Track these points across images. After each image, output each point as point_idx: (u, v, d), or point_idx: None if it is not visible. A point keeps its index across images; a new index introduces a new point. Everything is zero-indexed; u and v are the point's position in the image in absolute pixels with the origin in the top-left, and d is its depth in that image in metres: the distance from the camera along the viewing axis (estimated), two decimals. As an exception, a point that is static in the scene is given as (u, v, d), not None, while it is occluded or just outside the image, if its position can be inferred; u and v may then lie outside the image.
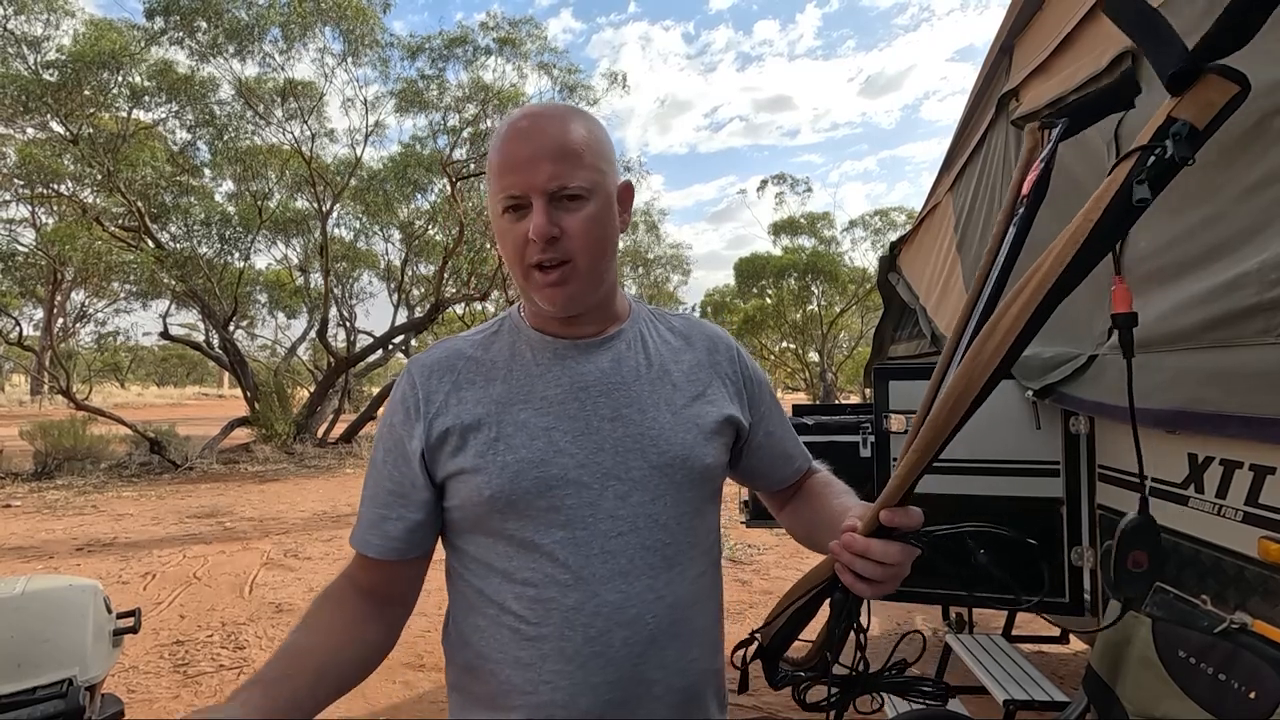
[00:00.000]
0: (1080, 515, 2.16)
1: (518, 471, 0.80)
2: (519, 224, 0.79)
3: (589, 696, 0.78)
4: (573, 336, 0.88)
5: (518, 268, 0.82)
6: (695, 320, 1.00)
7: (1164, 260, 1.63)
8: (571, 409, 0.84)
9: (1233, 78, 0.65)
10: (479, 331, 0.93)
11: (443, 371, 0.86)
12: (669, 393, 0.88)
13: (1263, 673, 0.99)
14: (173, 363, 43.00)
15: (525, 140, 0.79)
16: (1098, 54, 2.01)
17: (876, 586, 0.73)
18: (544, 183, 0.78)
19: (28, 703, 1.59)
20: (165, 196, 12.79)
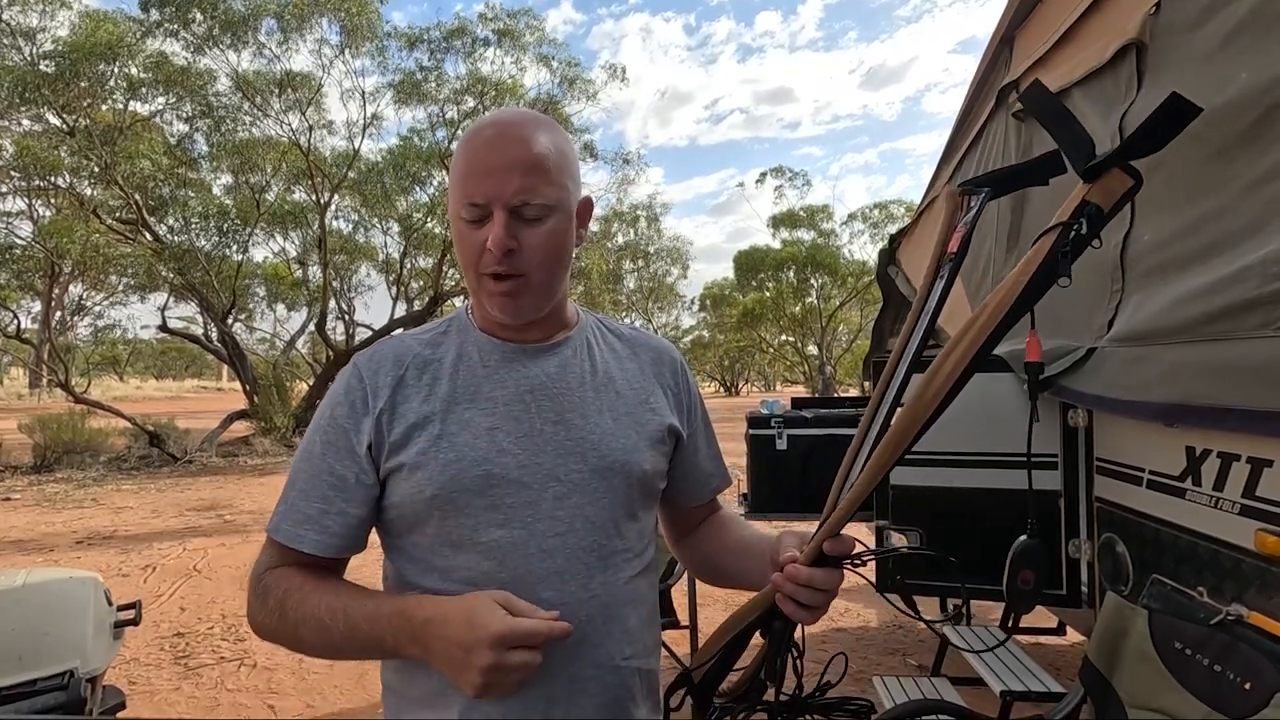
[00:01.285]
0: (1078, 508, 2.16)
1: (460, 469, 0.81)
2: (477, 231, 0.80)
3: (520, 694, 0.78)
4: (520, 340, 0.89)
5: (471, 272, 0.83)
6: (642, 332, 1.03)
7: (1166, 254, 1.63)
8: (516, 410, 0.85)
9: (1131, 174, 0.80)
10: (427, 330, 0.93)
11: (389, 367, 0.86)
12: (612, 399, 0.90)
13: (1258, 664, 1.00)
14: (171, 356, 43.01)
15: (493, 150, 0.79)
16: (1100, 47, 2.01)
17: (814, 613, 0.77)
18: (508, 196, 0.78)
19: (29, 694, 1.60)
20: (163, 189, 12.75)
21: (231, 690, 3.32)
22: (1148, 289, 1.69)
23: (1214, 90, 1.48)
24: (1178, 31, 1.66)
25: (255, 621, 0.83)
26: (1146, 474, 1.69)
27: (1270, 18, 1.36)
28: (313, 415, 0.90)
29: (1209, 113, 1.51)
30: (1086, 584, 2.14)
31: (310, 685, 3.37)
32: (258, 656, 3.68)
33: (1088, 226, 0.76)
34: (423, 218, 15.26)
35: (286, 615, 0.79)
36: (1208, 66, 1.53)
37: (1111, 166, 0.78)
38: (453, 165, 0.84)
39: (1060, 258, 0.76)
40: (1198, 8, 1.58)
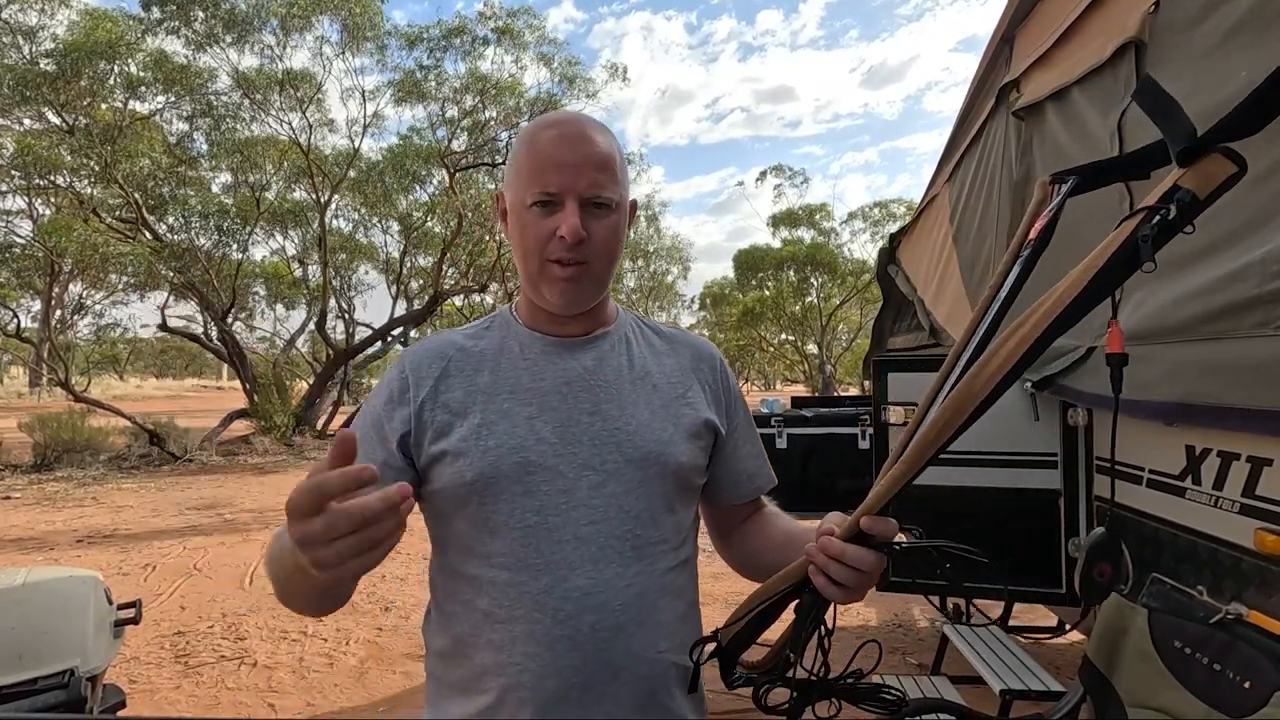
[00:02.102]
0: (1078, 507, 2.16)
1: (498, 456, 0.84)
2: (546, 220, 0.84)
3: (555, 679, 0.81)
4: (560, 334, 0.93)
5: (534, 259, 0.86)
6: (681, 330, 1.06)
7: (1167, 253, 1.62)
8: (553, 401, 0.88)
9: (1234, 159, 0.73)
10: (471, 326, 0.98)
11: (432, 360, 0.91)
12: (648, 393, 0.93)
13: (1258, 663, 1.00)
14: (171, 355, 42.99)
15: (567, 145, 0.85)
16: (1100, 45, 2.01)
17: (846, 592, 0.75)
18: (583, 188, 0.84)
19: (30, 693, 1.60)
20: (163, 188, 12.75)
21: (232, 689, 3.32)
22: (1147, 288, 1.69)
23: (1213, 88, 1.48)
24: (1177, 30, 1.66)
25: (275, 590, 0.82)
26: (1146, 473, 1.69)
27: (1269, 15, 1.36)
28: (312, 414, 0.90)
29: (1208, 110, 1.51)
30: (1086, 583, 2.13)
31: (310, 684, 3.37)
32: (258, 655, 3.68)
33: (1178, 212, 0.70)
34: (423, 217, 15.25)
35: (269, 562, 0.79)
36: (1207, 64, 1.53)
37: (1207, 148, 0.72)
38: (516, 159, 0.88)
39: (1142, 242, 0.70)
40: (1197, 6, 1.58)
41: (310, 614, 0.87)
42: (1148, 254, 0.70)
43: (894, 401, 2.45)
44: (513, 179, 0.88)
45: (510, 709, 0.81)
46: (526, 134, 0.89)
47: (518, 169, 0.87)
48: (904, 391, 2.46)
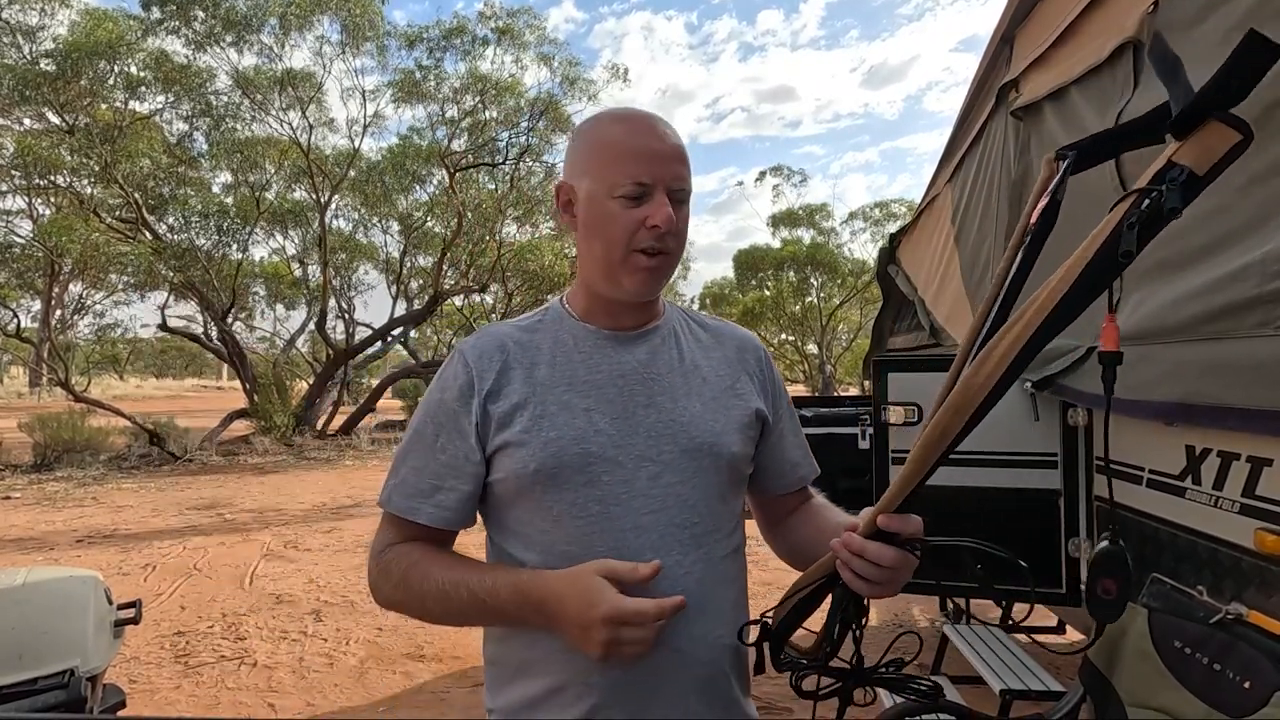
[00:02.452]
0: (1078, 507, 2.16)
1: (560, 447, 0.86)
2: (634, 210, 0.86)
3: (622, 667, 0.83)
4: (613, 328, 0.95)
5: (620, 248, 0.87)
6: (725, 322, 1.08)
7: (1165, 253, 1.63)
8: (610, 393, 0.91)
9: (1236, 125, 0.63)
10: (524, 320, 0.99)
11: (492, 353, 0.92)
12: (699, 385, 0.95)
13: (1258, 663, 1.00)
14: (171, 355, 42.96)
15: (655, 137, 0.87)
16: (1099, 45, 2.01)
17: (873, 586, 0.77)
18: (670, 179, 0.86)
19: (30, 693, 1.60)
20: (163, 188, 12.75)
21: (232, 689, 3.32)
22: (1147, 288, 1.68)
23: (1214, 89, 1.48)
24: (1176, 30, 1.66)
25: (380, 594, 0.90)
26: (1146, 473, 1.69)
27: (1267, 16, 1.36)
28: (312, 414, 0.93)
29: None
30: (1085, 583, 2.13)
31: (310, 684, 3.37)
32: (258, 655, 3.68)
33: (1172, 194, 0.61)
34: (423, 217, 15.24)
35: (411, 589, 0.86)
36: (1206, 65, 1.52)
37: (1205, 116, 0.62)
38: (595, 150, 0.89)
39: (1126, 229, 0.62)
40: (1195, 6, 1.57)
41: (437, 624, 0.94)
42: (1130, 241, 0.63)
43: (894, 401, 2.45)
44: (591, 169, 0.88)
45: (575, 691, 0.85)
46: (603, 127, 0.90)
47: (599, 159, 0.88)
48: (904, 391, 2.46)
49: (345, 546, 5.91)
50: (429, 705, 3.17)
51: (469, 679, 3.44)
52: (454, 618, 0.86)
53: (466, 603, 0.83)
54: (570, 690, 0.85)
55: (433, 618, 0.88)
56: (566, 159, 0.95)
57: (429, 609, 0.86)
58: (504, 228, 14.72)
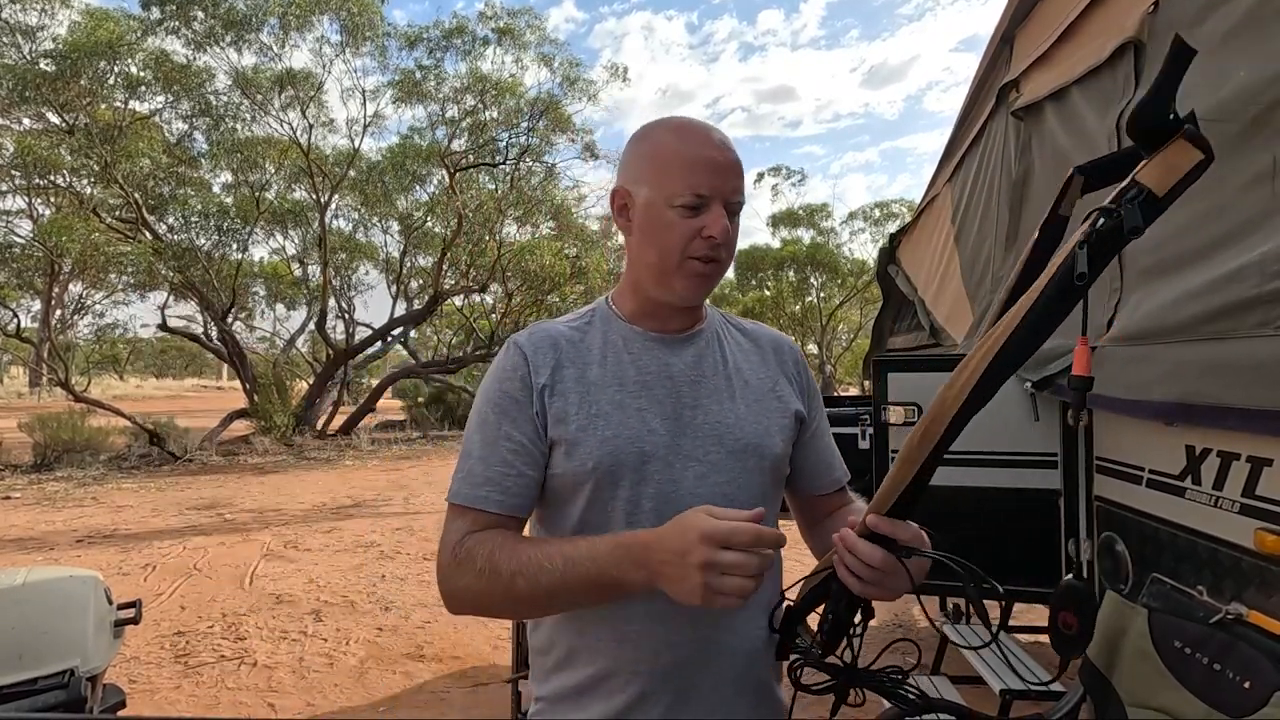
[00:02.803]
0: (1078, 507, 2.16)
1: (617, 446, 0.89)
2: (691, 220, 0.88)
3: (670, 652, 0.88)
4: (661, 331, 0.98)
5: (675, 255, 0.90)
6: (762, 326, 1.11)
7: (1165, 253, 1.63)
8: (659, 394, 0.93)
9: (1199, 144, 0.62)
10: (572, 319, 1.01)
11: (546, 349, 0.94)
12: (742, 388, 0.98)
13: (1258, 663, 1.00)
14: (171, 355, 42.96)
15: (721, 151, 0.90)
16: (1099, 45, 2.01)
17: (864, 585, 0.78)
18: (729, 192, 0.89)
19: (30, 693, 1.60)
20: (163, 188, 12.75)
21: (232, 689, 3.32)
22: (1146, 288, 1.68)
23: (1212, 88, 1.48)
24: (1176, 29, 1.66)
25: (456, 590, 0.86)
26: (1146, 473, 1.69)
27: (1268, 16, 1.36)
28: (312, 414, 0.92)
29: (1207, 111, 1.51)
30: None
31: (310, 684, 3.37)
32: (258, 655, 3.68)
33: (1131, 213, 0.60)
34: (423, 217, 15.24)
35: (500, 570, 0.82)
36: (1206, 65, 1.53)
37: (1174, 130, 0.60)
38: (656, 158, 0.91)
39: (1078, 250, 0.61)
40: (1196, 6, 1.58)
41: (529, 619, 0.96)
42: (1083, 263, 0.61)
43: (894, 401, 2.45)
44: (651, 177, 0.90)
45: (623, 679, 0.88)
46: (663, 136, 0.92)
47: (659, 169, 0.90)
48: (904, 391, 2.46)
49: (345, 546, 5.91)
50: (429, 705, 3.17)
51: (469, 679, 3.44)
52: (542, 596, 0.82)
53: (561, 572, 0.80)
54: (617, 678, 0.88)
55: (517, 601, 0.84)
56: (623, 165, 0.97)
57: (516, 589, 0.81)
58: (504, 228, 14.72)
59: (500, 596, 0.83)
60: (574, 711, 0.91)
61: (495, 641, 3.86)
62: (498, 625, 4.07)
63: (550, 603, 0.84)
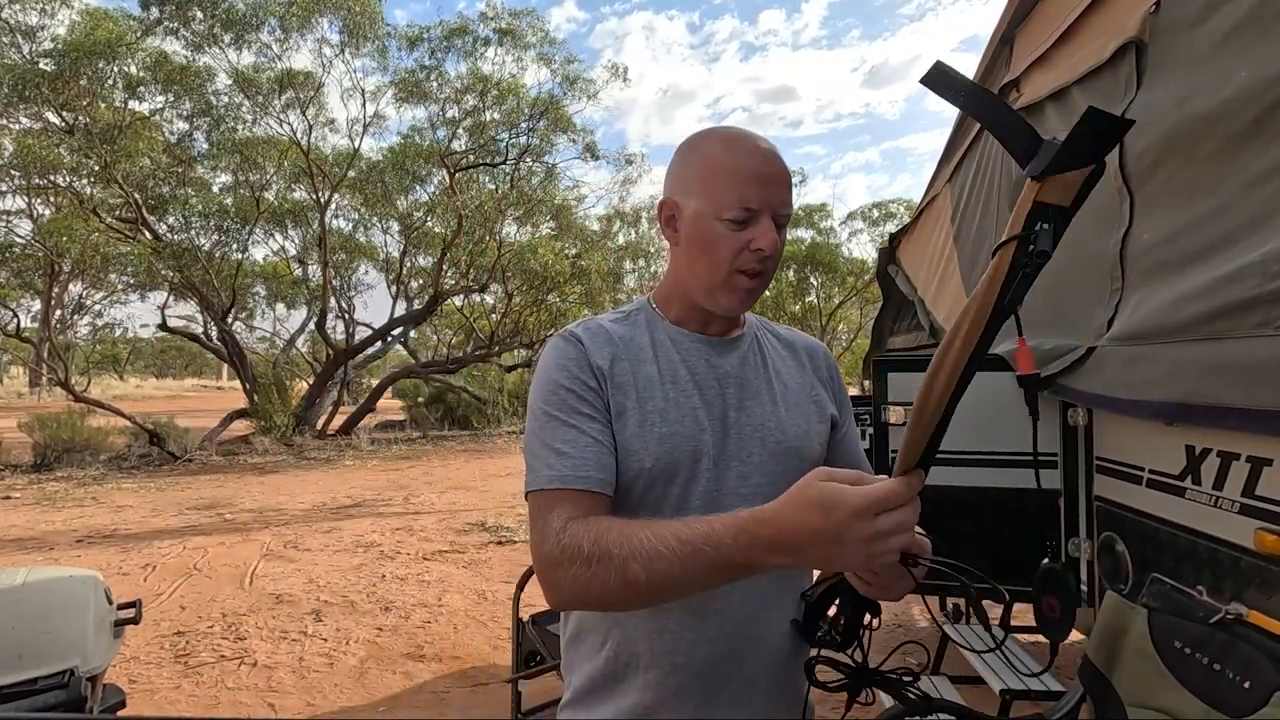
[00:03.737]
0: (1078, 507, 2.16)
1: (674, 444, 0.90)
2: (740, 233, 0.89)
3: (707, 647, 0.89)
4: (706, 334, 0.99)
5: (724, 267, 0.90)
6: (796, 332, 1.12)
7: (1166, 253, 1.63)
8: (709, 394, 0.95)
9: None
10: (616, 317, 1.01)
11: (603, 344, 0.95)
12: (782, 391, 1.00)
13: (1258, 663, 1.00)
14: (171, 355, 42.96)
15: (769, 163, 0.90)
16: (1100, 45, 2.01)
17: (870, 588, 0.78)
18: (777, 205, 0.89)
19: (30, 693, 1.60)
20: (163, 188, 12.75)
21: (231, 689, 3.32)
22: (1147, 288, 1.68)
23: (1213, 88, 1.48)
24: (1177, 30, 1.66)
25: (564, 579, 0.80)
26: (1146, 473, 1.69)
27: (1269, 16, 1.36)
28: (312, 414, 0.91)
29: (1209, 111, 1.50)
30: (1086, 583, 2.14)
31: (310, 684, 3.37)
32: (258, 655, 3.68)
33: (1044, 238, 0.62)
34: (423, 217, 15.24)
35: (612, 555, 0.76)
36: (1207, 65, 1.53)
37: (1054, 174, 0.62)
38: (704, 169, 0.91)
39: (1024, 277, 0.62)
40: (1197, 6, 1.57)
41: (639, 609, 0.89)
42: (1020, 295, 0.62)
43: (894, 401, 2.45)
44: (699, 189, 0.90)
45: (659, 672, 0.89)
46: (712, 148, 0.92)
47: (708, 181, 0.90)
48: (904, 391, 2.46)
49: (345, 546, 5.91)
50: (429, 705, 3.17)
51: (469, 679, 3.44)
52: (659, 581, 0.75)
53: (682, 557, 0.73)
54: (653, 670, 0.89)
55: (631, 587, 0.76)
56: (670, 175, 0.97)
57: (631, 575, 0.75)
58: (504, 228, 14.73)
59: (615, 584, 0.77)
60: (606, 701, 0.92)
61: (495, 641, 3.86)
62: (498, 625, 4.07)
63: (668, 588, 0.77)
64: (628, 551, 0.76)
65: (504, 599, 4.43)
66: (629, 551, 0.76)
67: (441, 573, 5.13)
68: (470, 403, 16.35)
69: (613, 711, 0.91)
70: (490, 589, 4.72)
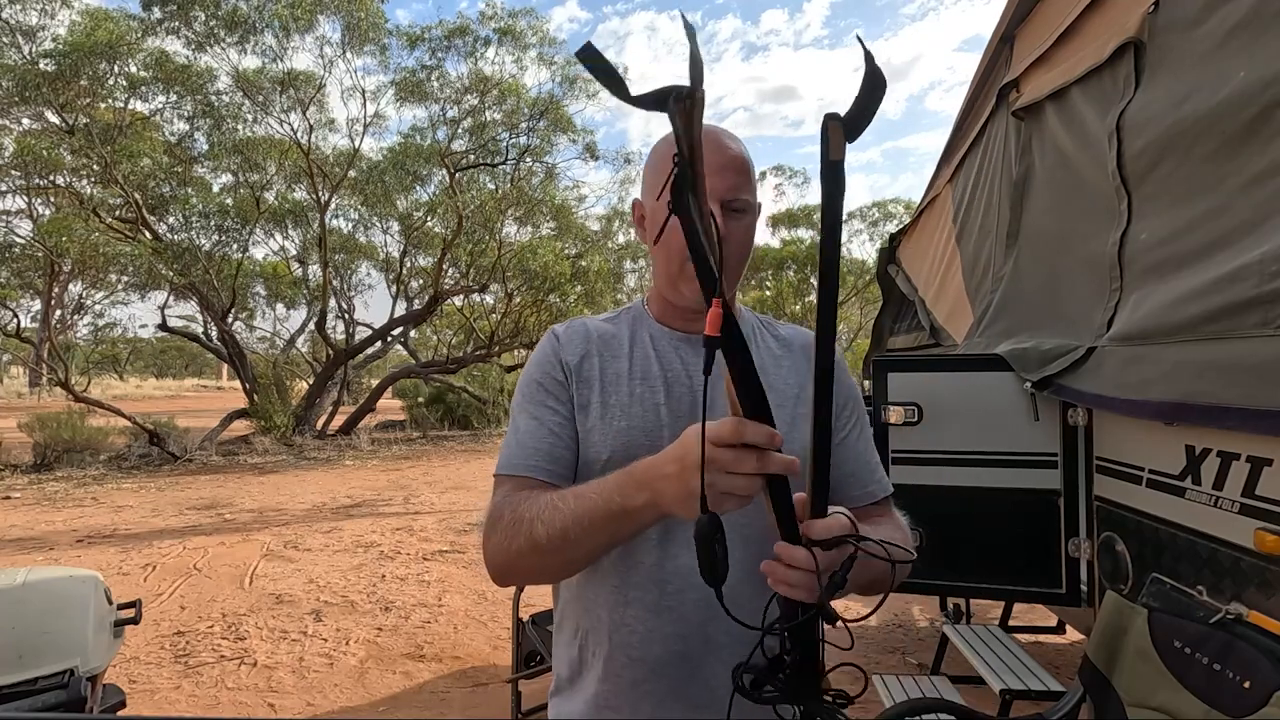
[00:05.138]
0: (1078, 507, 2.16)
1: (631, 437, 0.92)
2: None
3: (661, 645, 0.90)
4: (689, 331, 1.00)
5: (677, 259, 0.92)
6: (798, 329, 1.11)
7: (1165, 253, 1.63)
8: (678, 392, 0.96)
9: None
10: (608, 316, 1.07)
11: (579, 339, 1.00)
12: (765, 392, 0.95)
13: (1257, 663, 1.00)
14: (171, 355, 42.98)
15: (717, 150, 0.90)
16: (1100, 45, 2.01)
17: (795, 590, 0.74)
18: (724, 191, 0.89)
19: (30, 693, 1.60)
20: (164, 188, 12.75)
21: (231, 689, 3.32)
22: (1146, 288, 1.69)
23: (1212, 88, 1.48)
24: (1176, 30, 1.66)
25: (492, 550, 0.87)
26: (1146, 473, 1.69)
27: (1268, 16, 1.36)
28: (312, 414, 0.92)
29: (1207, 111, 1.50)
30: (1086, 583, 2.14)
31: (310, 684, 3.37)
32: (258, 655, 3.68)
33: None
34: (423, 217, 15.24)
35: (520, 518, 0.84)
36: (1206, 65, 1.53)
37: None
38: (655, 166, 0.94)
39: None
40: (1196, 6, 1.58)
41: (559, 575, 0.95)
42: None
43: (894, 401, 2.45)
44: (651, 184, 0.95)
45: (619, 664, 0.91)
46: (665, 142, 0.94)
47: (658, 173, 0.93)
48: (904, 391, 2.46)
49: (345, 546, 5.91)
50: (429, 705, 3.17)
51: (469, 679, 3.44)
52: (558, 537, 0.80)
53: (573, 508, 0.79)
54: (614, 661, 0.91)
55: (538, 548, 0.82)
56: (641, 178, 1.02)
57: (536, 535, 0.81)
58: (504, 228, 14.73)
59: (525, 545, 0.83)
60: (577, 690, 0.95)
61: (495, 641, 3.86)
62: (498, 625, 4.07)
63: (566, 544, 0.81)
64: (534, 513, 0.83)
65: (504, 599, 4.43)
66: (535, 513, 0.82)
67: (441, 573, 5.13)
68: (470, 403, 16.36)
69: (580, 702, 0.94)
70: (490, 589, 4.72)
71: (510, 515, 0.85)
